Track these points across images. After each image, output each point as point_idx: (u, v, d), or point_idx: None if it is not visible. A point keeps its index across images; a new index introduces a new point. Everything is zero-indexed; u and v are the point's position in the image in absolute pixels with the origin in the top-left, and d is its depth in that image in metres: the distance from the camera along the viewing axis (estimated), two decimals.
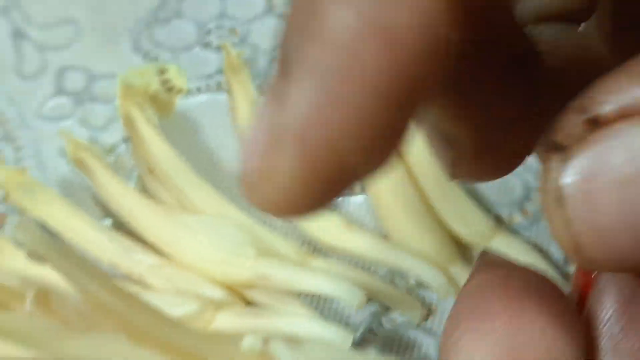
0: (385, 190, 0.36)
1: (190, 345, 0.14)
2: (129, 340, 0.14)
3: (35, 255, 0.13)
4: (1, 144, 0.40)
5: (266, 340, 0.17)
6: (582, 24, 0.18)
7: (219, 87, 0.42)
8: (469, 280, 0.16)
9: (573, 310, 0.18)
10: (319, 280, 0.33)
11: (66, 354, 0.14)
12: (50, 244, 0.13)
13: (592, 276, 0.20)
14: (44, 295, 0.13)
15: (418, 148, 0.37)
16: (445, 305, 0.34)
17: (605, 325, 0.19)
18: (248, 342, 0.17)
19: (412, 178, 0.36)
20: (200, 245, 0.34)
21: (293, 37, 0.13)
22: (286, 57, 0.13)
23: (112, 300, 0.13)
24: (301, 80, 0.13)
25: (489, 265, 0.17)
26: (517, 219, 0.37)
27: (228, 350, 0.15)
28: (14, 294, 0.13)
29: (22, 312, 0.13)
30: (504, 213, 0.37)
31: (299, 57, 0.13)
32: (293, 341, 0.33)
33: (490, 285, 0.16)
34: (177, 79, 0.41)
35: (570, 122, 0.13)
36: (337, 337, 0.32)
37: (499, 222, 0.37)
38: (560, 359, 0.17)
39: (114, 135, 0.41)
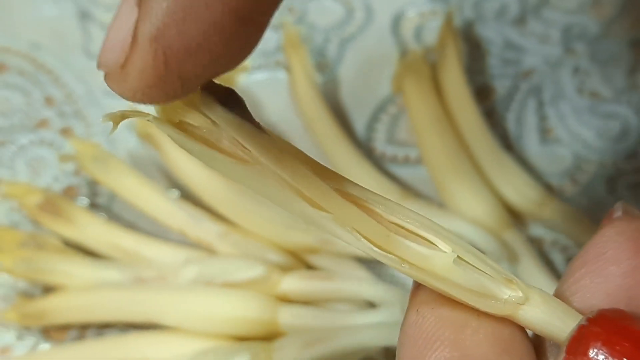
0: (440, 160, 0.37)
1: (318, 197, 0.18)
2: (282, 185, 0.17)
3: None
4: (73, 121, 0.43)
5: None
6: None
7: (277, 65, 0.43)
8: (605, 226, 0.18)
9: None
10: None
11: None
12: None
13: None
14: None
15: (471, 117, 0.38)
16: None
17: None
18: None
19: (465, 148, 0.38)
20: (265, 212, 0.36)
21: None
22: None
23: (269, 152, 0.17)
24: None
25: (630, 214, 0.18)
26: (568, 188, 0.38)
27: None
28: (214, 133, 0.17)
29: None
30: (555, 182, 0.39)
31: None
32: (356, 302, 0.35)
33: (624, 233, 0.17)
34: None
35: None
36: (397, 299, 0.34)
37: (550, 190, 0.38)
38: None
39: None
